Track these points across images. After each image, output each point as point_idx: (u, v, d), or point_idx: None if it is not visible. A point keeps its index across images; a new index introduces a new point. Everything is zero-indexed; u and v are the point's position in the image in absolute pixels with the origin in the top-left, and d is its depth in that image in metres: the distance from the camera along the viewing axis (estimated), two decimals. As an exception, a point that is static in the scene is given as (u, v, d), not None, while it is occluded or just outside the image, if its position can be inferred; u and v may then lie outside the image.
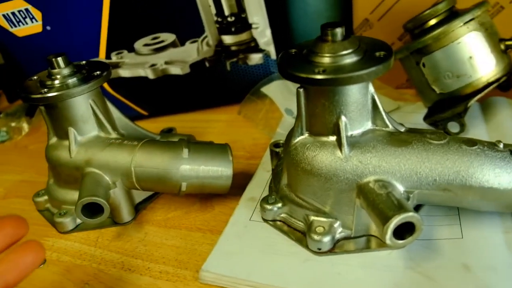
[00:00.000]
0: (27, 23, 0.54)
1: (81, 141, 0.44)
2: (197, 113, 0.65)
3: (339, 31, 0.33)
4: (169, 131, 0.56)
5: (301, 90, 0.35)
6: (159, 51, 0.58)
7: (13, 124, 0.68)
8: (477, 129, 0.48)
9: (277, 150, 0.45)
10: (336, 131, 0.34)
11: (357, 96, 0.34)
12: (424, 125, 0.50)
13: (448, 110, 0.47)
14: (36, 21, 0.54)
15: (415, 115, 0.53)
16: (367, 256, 0.35)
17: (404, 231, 0.30)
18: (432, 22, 0.47)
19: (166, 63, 0.59)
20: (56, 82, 0.42)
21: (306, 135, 0.36)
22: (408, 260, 0.33)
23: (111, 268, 0.39)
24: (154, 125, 0.60)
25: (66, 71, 0.43)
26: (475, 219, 0.36)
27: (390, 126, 0.35)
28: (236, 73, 0.61)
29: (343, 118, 0.34)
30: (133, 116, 0.62)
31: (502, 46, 0.46)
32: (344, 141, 0.34)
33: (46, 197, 0.48)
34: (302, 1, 0.62)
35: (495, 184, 0.31)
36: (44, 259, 0.27)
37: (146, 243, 0.41)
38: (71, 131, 0.43)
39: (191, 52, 0.58)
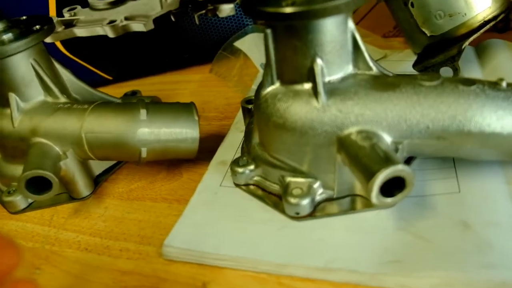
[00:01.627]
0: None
1: (25, 108, 0.38)
2: (167, 74, 0.59)
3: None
4: (133, 94, 0.51)
5: (269, 31, 0.29)
6: (117, 5, 0.51)
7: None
8: (472, 74, 0.43)
9: (249, 106, 0.40)
10: (311, 77, 0.29)
11: (334, 34, 0.28)
12: (413, 73, 0.45)
13: (440, 54, 0.42)
14: (-29, -26, 0.47)
15: (403, 63, 0.48)
16: (352, 218, 0.30)
17: (393, 187, 0.26)
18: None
19: (126, 18, 0.52)
20: (-12, 39, 0.36)
21: (277, 84, 0.31)
22: (399, 220, 0.29)
23: (65, 249, 0.35)
24: (120, 91, 0.54)
25: (-2, 26, 0.37)
26: (473, 170, 0.31)
27: (374, 69, 0.30)
28: (206, 28, 0.55)
29: (318, 61, 0.29)
30: (97, 82, 0.57)
31: (500, -22, 0.41)
32: (320, 88, 0.29)
33: (-6, 174, 0.43)
34: None
35: (497, 128, 0.27)
36: None
37: (105, 218, 0.37)
38: (12, 97, 0.38)
39: (154, 4, 0.52)
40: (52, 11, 0.51)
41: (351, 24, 0.29)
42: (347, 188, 0.31)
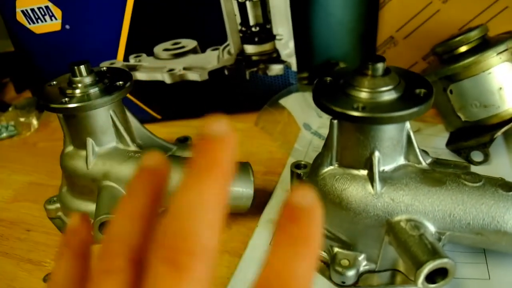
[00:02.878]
0: (46, 21, 0.53)
1: (99, 152, 0.43)
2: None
3: (380, 66, 0.32)
4: (184, 140, 0.55)
5: (335, 121, 0.34)
6: (179, 57, 0.56)
7: (22, 119, 0.67)
8: (500, 158, 0.48)
9: (298, 171, 0.44)
10: (369, 166, 0.33)
11: (393, 133, 0.33)
12: (445, 151, 0.50)
13: (472, 139, 0.47)
14: (56, 19, 0.52)
15: (436, 139, 0.52)
16: (391, 293, 0.34)
17: (435, 273, 0.30)
18: (463, 49, 0.46)
19: (185, 68, 0.57)
20: (77, 91, 0.41)
21: (335, 166, 0.35)
22: (434, 301, 0.33)
23: None
24: (166, 130, 0.59)
25: (87, 80, 0.41)
26: (502, 258, 0.35)
27: (423, 163, 0.34)
28: (254, 82, 0.60)
29: (376, 153, 0.33)
30: (146, 119, 0.61)
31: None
32: (376, 177, 0.33)
33: (58, 205, 0.47)
34: (326, 12, 0.61)
35: (530, 232, 0.31)
36: None
37: (162, 261, 0.41)
38: (89, 141, 0.42)
39: (211, 59, 0.57)
40: (120, 56, 0.56)
41: (407, 125, 0.33)
42: (389, 263, 0.35)
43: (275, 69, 0.58)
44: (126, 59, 0.56)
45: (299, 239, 0.17)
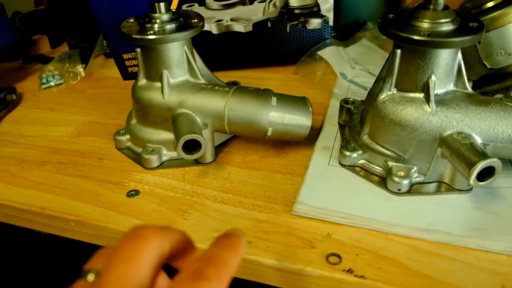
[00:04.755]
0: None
1: (173, 83, 0.47)
2: (251, 70, 0.69)
3: (441, 1, 0.37)
4: (234, 84, 0.60)
5: (399, 51, 0.39)
6: (228, 8, 0.61)
7: (66, 66, 0.70)
8: (519, 102, 0.54)
9: (348, 106, 0.50)
10: (425, 89, 0.39)
11: (448, 60, 0.39)
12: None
13: (496, 84, 0.53)
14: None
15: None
16: (438, 197, 0.40)
17: (483, 174, 0.36)
18: (490, 4, 0.52)
19: (232, 19, 0.62)
20: (156, 26, 0.45)
21: (394, 91, 0.41)
22: (475, 202, 0.39)
23: (204, 200, 0.44)
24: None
25: (165, 16, 0.46)
26: (529, 173, 0.42)
27: (469, 89, 0.40)
28: (293, 36, 0.65)
29: (433, 77, 0.39)
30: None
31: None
32: (432, 98, 0.39)
33: (127, 136, 0.52)
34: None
35: (560, 142, 0.38)
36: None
37: (231, 181, 0.46)
38: (165, 73, 0.47)
39: (257, 11, 0.61)
40: (174, 5, 0.60)
41: (459, 55, 0.39)
42: (436, 176, 0.41)
43: (314, 22, 0.63)
44: (179, 8, 0.61)
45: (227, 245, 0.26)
